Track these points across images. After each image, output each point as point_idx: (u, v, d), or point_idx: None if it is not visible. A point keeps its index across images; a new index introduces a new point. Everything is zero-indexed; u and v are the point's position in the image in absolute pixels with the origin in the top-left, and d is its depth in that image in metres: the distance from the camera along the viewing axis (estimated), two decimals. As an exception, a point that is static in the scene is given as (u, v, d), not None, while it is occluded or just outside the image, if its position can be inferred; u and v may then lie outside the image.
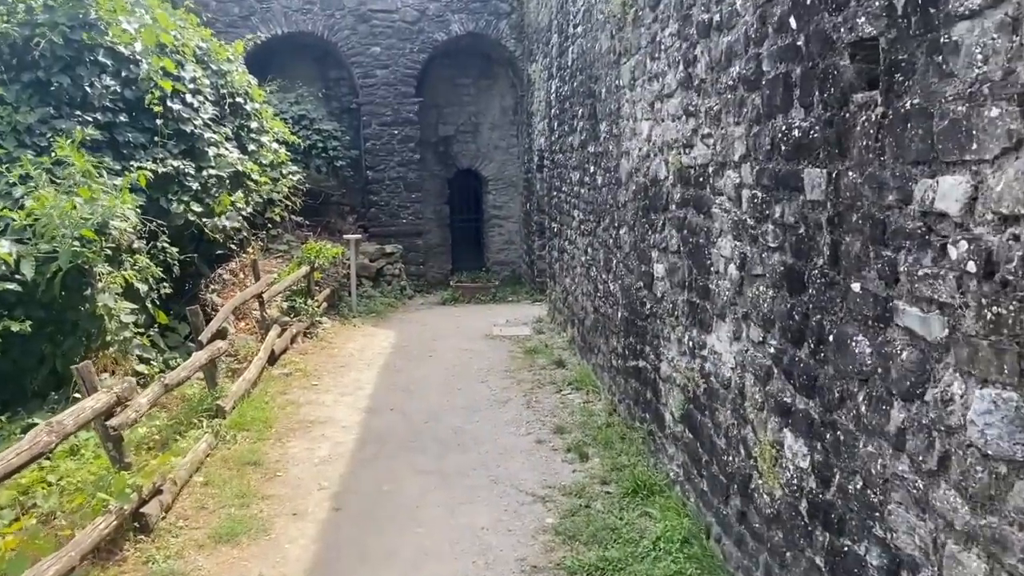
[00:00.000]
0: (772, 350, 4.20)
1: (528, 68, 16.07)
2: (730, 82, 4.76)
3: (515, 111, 19.02)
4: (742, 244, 4.63)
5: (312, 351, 11.56)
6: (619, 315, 7.92)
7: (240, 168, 10.46)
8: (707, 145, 5.23)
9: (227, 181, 10.38)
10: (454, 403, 9.13)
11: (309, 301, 12.34)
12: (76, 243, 7.30)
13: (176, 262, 9.46)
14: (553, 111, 12.55)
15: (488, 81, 19.08)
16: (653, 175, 6.49)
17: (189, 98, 9.94)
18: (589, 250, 9.60)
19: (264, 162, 11.42)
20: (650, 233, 6.63)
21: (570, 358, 10.78)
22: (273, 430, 8.24)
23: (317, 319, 12.38)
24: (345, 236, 14.55)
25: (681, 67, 5.67)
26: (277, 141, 12.46)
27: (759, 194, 4.35)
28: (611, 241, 8.32)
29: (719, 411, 5.11)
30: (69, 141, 7.55)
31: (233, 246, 12.82)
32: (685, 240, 5.71)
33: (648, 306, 6.70)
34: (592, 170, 9.26)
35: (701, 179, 5.35)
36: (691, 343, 5.65)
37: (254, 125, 11.29)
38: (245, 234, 12.84)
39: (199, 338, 8.23)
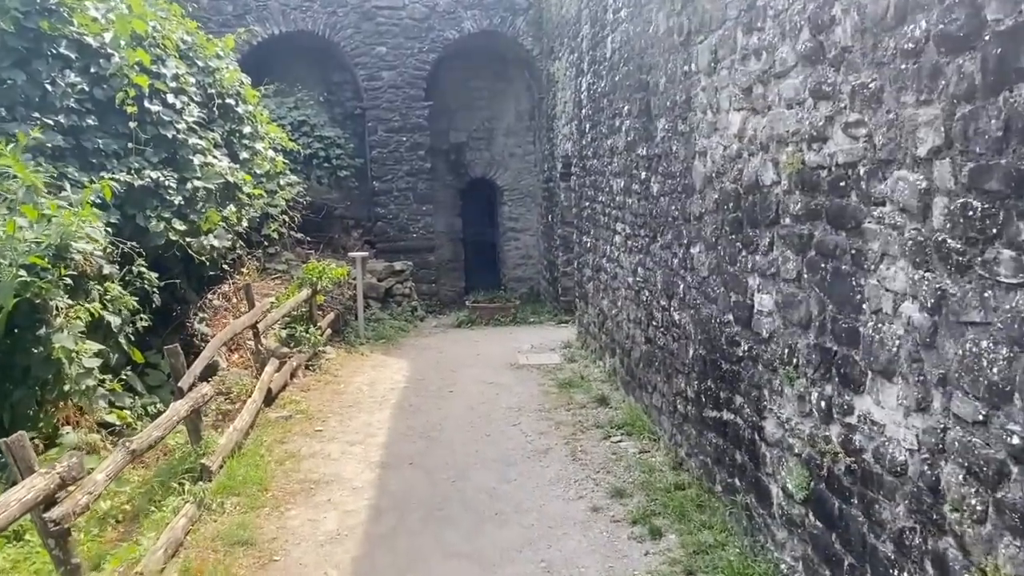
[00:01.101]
0: (1018, 440, 2.76)
1: (549, 67, 14.68)
2: (907, 45, 3.34)
3: (532, 116, 17.65)
4: (935, 276, 3.20)
5: (315, 387, 10.13)
6: (690, 352, 6.49)
7: (231, 179, 9.05)
8: (853, 137, 3.82)
9: (216, 194, 8.97)
10: (484, 454, 7.69)
11: (311, 329, 10.92)
12: (23, 273, 5.89)
13: (156, 289, 8.06)
14: (584, 111, 11.16)
15: (503, 84, 17.72)
16: (750, 179, 5.07)
17: (171, 98, 8.55)
18: (639, 270, 8.17)
19: (259, 172, 10.03)
20: (745, 254, 5.20)
21: (612, 393, 9.35)
22: (269, 494, 6.80)
23: (320, 349, 10.96)
24: (350, 254, 13.14)
25: (805, 34, 4.26)
26: (274, 148, 11.06)
27: (975, 203, 2.93)
28: (674, 261, 6.90)
29: (881, 504, 3.67)
30: (10, 147, 6.12)
31: (226, 266, 11.51)
32: (813, 265, 4.28)
33: (744, 346, 5.26)
34: (644, 176, 7.85)
35: (843, 183, 3.93)
36: (823, 403, 4.22)
37: (247, 130, 9.90)
38: (240, 253, 11.48)
39: (179, 384, 6.80)
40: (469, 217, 18.11)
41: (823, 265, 4.16)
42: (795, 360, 4.52)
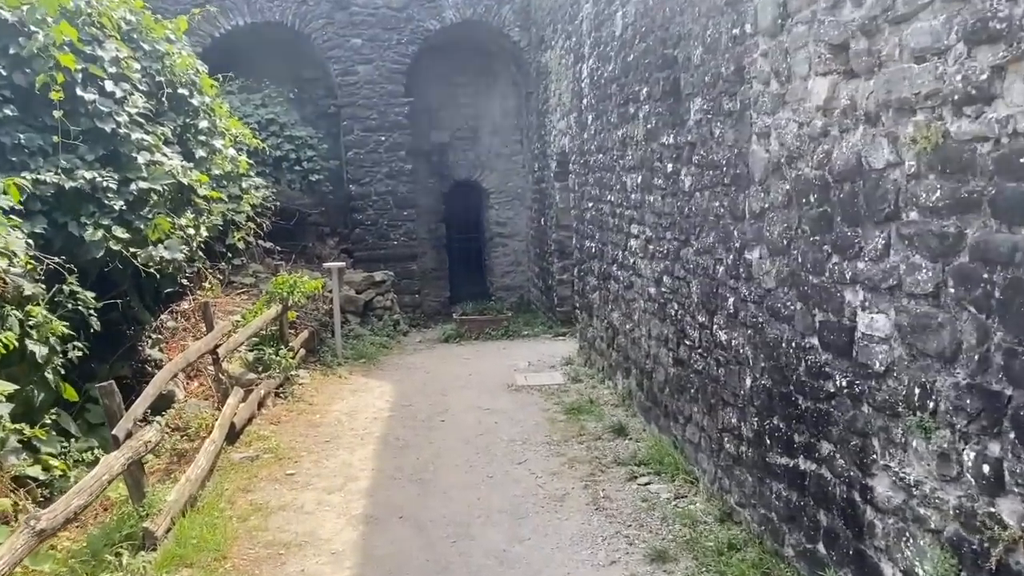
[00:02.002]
0: None
1: (540, 58, 13.49)
2: None
3: (519, 113, 16.45)
4: None
5: (287, 418, 8.83)
6: (746, 381, 5.28)
7: (183, 180, 7.76)
8: (1048, 92, 2.63)
9: (166, 197, 7.68)
10: (488, 502, 6.44)
11: (282, 350, 9.62)
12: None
13: (93, 311, 6.76)
14: (586, 102, 9.97)
15: (488, 79, 16.51)
16: (847, 162, 3.88)
17: (109, 86, 7.23)
18: (665, 279, 6.98)
19: (218, 173, 8.73)
20: (838, 260, 4.01)
21: (629, 421, 8.14)
22: (229, 563, 5.52)
23: (292, 373, 9.66)
24: (325, 265, 11.83)
25: (953, -45, 3.08)
26: (236, 147, 9.76)
27: None
28: (718, 269, 5.71)
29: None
30: None
31: (185, 281, 10.22)
32: (965, 276, 3.09)
33: (838, 380, 4.06)
34: (671, 168, 6.66)
35: (1026, 159, 2.75)
36: (988, 468, 3.03)
37: (203, 125, 8.59)
38: (200, 266, 10.16)
39: (114, 432, 5.50)
40: (453, 222, 16.88)
41: (986, 276, 2.97)
42: (932, 404, 3.33)
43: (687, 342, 6.50)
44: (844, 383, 4.01)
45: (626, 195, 8.17)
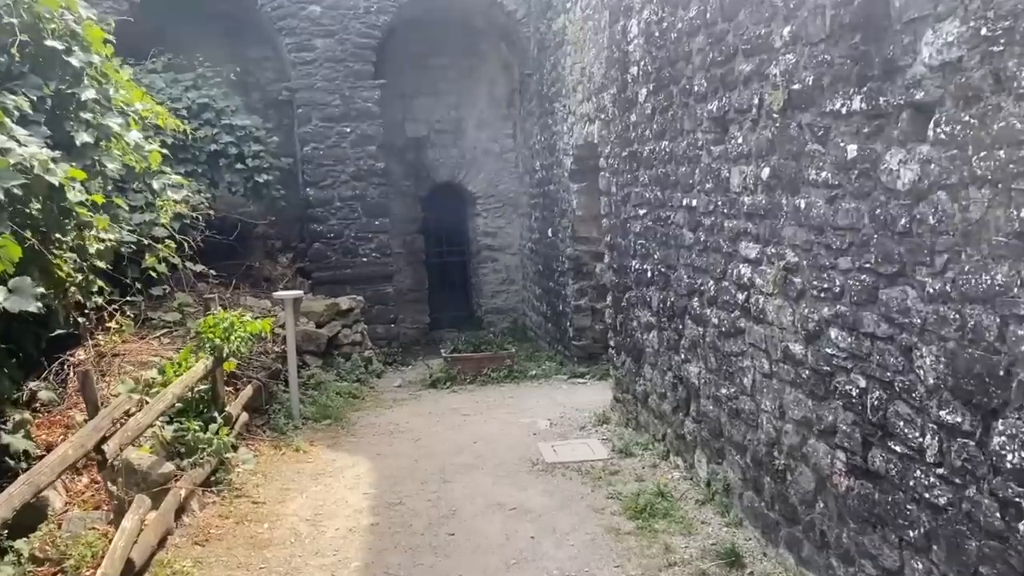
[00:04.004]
0: None
1: (548, 27, 10.73)
2: None
3: (511, 102, 13.71)
4: None
5: (217, 533, 5.93)
6: None
7: (49, 178, 4.84)
8: None
9: (24, 202, 4.79)
10: None
11: (214, 423, 6.72)
12: None
13: None
14: (636, 71, 7.25)
15: (473, 60, 13.75)
16: None
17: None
18: (834, 334, 4.26)
19: (113, 168, 5.80)
20: None
21: (738, 536, 5.43)
22: None
23: (227, 454, 6.74)
24: (277, 294, 8.89)
25: None
26: (145, 132, 6.86)
27: None
28: (1018, 333, 3.01)
29: None
30: None
31: (82, 320, 7.39)
32: None
33: None
34: (859, 152, 3.95)
35: None
36: None
37: (89, 96, 5.66)
38: (99, 301, 7.25)
39: None
40: (433, 233, 14.09)
41: None
42: None
43: (896, 447, 3.79)
44: None
45: (729, 198, 5.45)
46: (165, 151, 8.40)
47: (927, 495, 3.59)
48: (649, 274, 7.18)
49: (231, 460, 6.81)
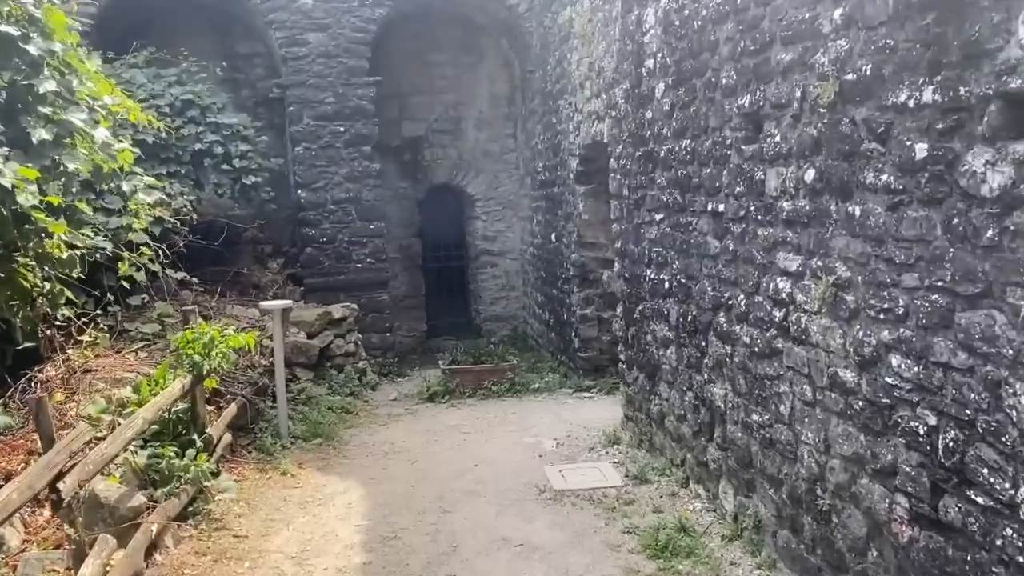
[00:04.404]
0: None
1: (554, 20, 10.16)
2: None
3: (512, 100, 13.16)
4: None
5: (195, 569, 5.35)
6: None
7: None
8: None
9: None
10: None
11: (192, 449, 6.13)
12: None
13: None
14: (652, 64, 6.69)
15: (472, 57, 13.17)
16: None
17: None
18: (896, 362, 3.70)
19: (75, 167, 5.21)
20: None
21: (772, 580, 4.86)
22: None
23: (207, 482, 6.14)
24: (264, 304, 8.28)
25: None
26: (120, 129, 6.27)
27: None
28: None
29: None
30: None
31: (51, 332, 6.95)
32: None
33: None
34: (931, 151, 3.39)
35: None
36: None
37: (49, 87, 5.07)
38: (69, 312, 6.71)
39: None
40: (430, 237, 13.50)
41: None
42: None
43: (977, 497, 3.23)
44: None
45: (764, 203, 4.88)
46: (139, 151, 7.86)
47: (1020, 558, 3.02)
48: (667, 285, 6.61)
49: (211, 488, 6.22)
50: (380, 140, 11.82)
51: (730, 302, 5.45)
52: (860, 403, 4.01)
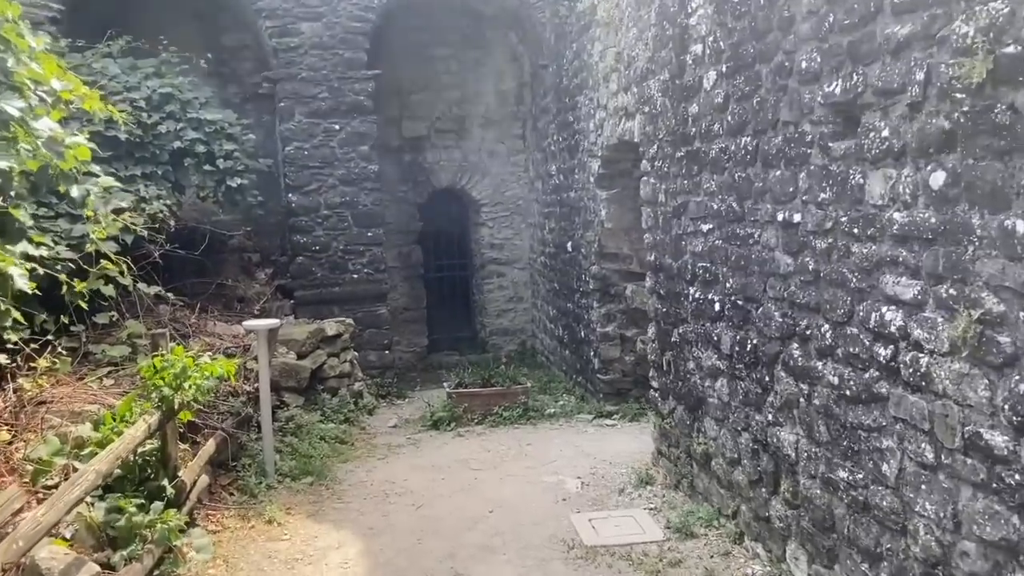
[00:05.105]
0: None
1: (573, 7, 9.23)
2: None
3: (521, 98, 12.24)
4: None
5: (156, 660, 4.38)
6: None
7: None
8: None
9: None
10: None
11: (164, 493, 5.16)
12: None
13: None
14: (700, 50, 5.76)
15: (478, 52, 12.24)
16: None
17: None
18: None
19: (7, 165, 4.23)
20: None
21: None
22: None
23: (176, 540, 5.16)
24: (248, 324, 7.26)
25: None
26: (86, 123, 5.29)
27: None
28: None
29: None
30: None
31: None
32: None
33: None
34: None
35: None
36: None
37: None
38: (14, 337, 5.76)
39: None
40: (432, 244, 12.56)
41: None
42: None
43: None
44: None
45: (863, 213, 3.94)
46: (107, 149, 6.94)
47: None
48: (717, 307, 5.66)
49: (180, 548, 5.24)
50: (379, 140, 10.87)
51: (808, 332, 4.50)
52: (1016, 476, 3.07)
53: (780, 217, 4.74)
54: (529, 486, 6.89)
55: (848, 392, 4.14)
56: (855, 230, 4.01)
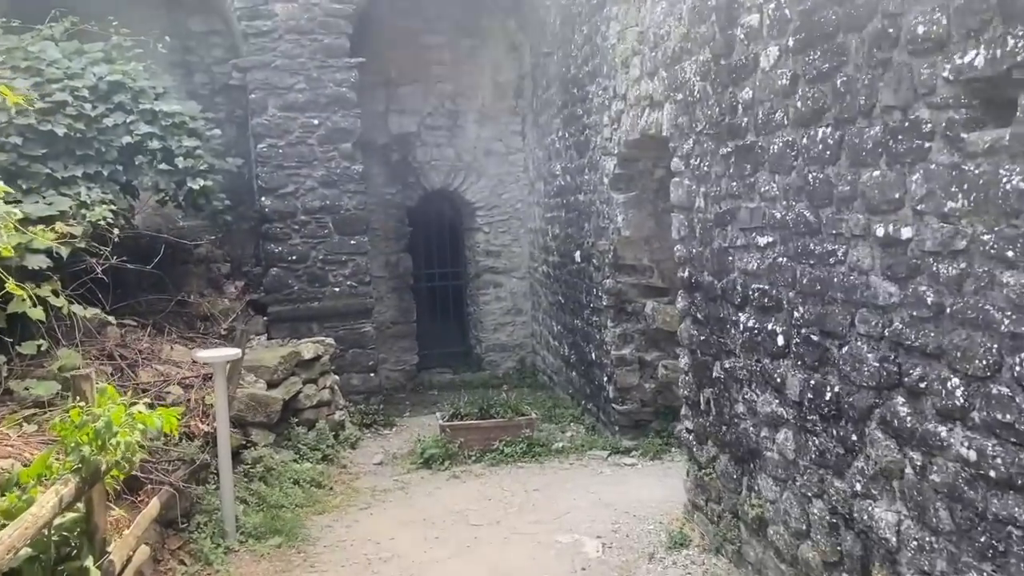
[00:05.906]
0: None
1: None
2: None
3: (520, 91, 11.15)
4: None
5: None
6: None
7: None
8: None
9: None
10: None
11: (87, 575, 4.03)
12: None
13: None
14: (746, 27, 4.64)
15: (473, 41, 11.13)
16: None
17: None
18: None
19: None
20: None
21: None
22: None
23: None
24: (200, 355, 6.06)
25: None
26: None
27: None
28: None
29: None
30: None
31: None
32: None
33: None
34: None
35: None
36: None
37: None
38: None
39: None
40: (422, 251, 11.44)
41: None
42: None
43: None
44: None
45: (1018, 229, 2.82)
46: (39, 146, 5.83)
47: None
48: (781, 340, 4.54)
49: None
50: (363, 136, 9.73)
51: (922, 384, 3.39)
52: None
53: (878, 231, 3.63)
54: (540, 549, 5.76)
55: (993, 473, 3.03)
56: (1008, 253, 2.90)
